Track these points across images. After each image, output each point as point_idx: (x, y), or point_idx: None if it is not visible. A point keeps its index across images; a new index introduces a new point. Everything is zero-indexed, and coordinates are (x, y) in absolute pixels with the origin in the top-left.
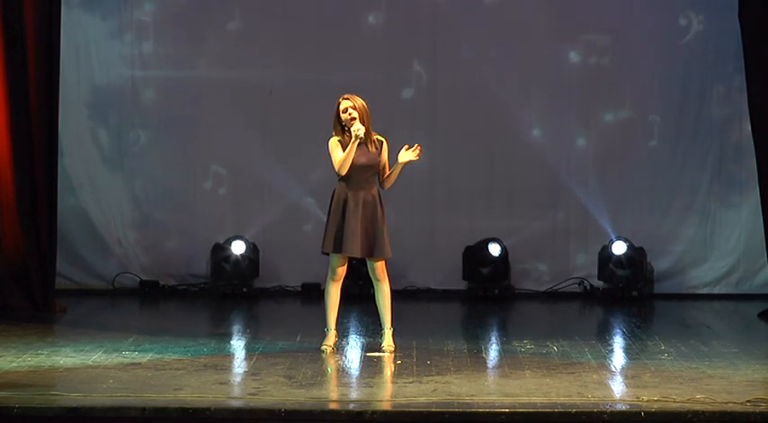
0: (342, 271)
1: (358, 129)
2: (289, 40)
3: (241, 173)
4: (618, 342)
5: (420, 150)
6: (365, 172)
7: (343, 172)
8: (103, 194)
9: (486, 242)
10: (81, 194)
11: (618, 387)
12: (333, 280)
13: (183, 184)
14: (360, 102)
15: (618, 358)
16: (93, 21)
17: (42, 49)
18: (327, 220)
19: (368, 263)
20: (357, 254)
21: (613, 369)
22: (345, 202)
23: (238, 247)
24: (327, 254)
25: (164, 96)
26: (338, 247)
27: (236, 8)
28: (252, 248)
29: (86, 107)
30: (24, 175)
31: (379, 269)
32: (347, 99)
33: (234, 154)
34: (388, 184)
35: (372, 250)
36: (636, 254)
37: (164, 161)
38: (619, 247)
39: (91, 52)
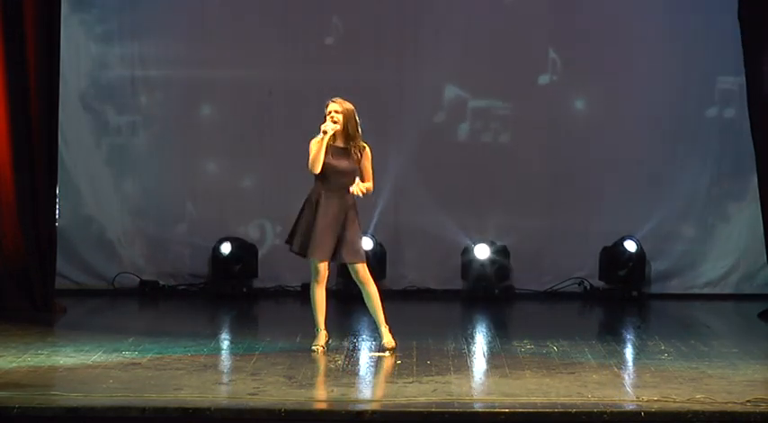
0: (324, 273)
1: (326, 125)
2: (289, 40)
3: (241, 173)
4: (618, 342)
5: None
6: (343, 176)
7: (315, 170)
8: (103, 194)
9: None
10: (81, 194)
11: (618, 387)
12: (316, 282)
13: (183, 184)
14: (347, 106)
15: (618, 358)
16: (93, 20)
17: (42, 49)
18: (299, 217)
19: (349, 267)
20: (326, 258)
21: (613, 369)
22: (318, 202)
23: (238, 248)
24: (296, 252)
25: (164, 96)
26: (307, 250)
27: (235, 8)
28: (252, 249)
29: (86, 107)
30: (24, 175)
31: (362, 272)
32: (334, 102)
33: (234, 154)
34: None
35: (349, 255)
36: (636, 254)
37: (164, 161)
38: (630, 246)
39: (91, 52)
